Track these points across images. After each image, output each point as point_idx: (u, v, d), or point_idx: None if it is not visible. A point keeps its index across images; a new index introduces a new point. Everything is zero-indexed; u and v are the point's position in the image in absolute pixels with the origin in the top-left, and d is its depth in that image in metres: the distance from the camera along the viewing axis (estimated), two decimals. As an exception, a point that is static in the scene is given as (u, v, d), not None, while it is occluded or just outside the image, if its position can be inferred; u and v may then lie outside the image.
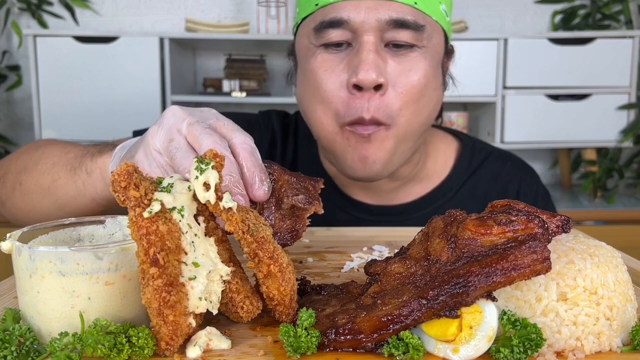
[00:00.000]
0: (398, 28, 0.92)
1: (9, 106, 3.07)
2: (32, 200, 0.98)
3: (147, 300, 0.50)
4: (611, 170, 2.95)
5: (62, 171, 0.93)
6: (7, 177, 1.02)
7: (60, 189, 0.93)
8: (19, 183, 0.99)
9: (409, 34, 0.92)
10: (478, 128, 2.99)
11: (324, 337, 0.52)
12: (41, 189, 0.95)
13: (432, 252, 0.56)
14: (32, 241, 0.59)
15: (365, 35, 0.91)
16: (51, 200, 0.95)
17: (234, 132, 0.69)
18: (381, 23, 0.91)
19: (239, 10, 3.07)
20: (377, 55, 0.91)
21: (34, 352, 0.51)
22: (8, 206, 1.03)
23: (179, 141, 0.68)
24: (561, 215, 0.56)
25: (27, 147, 1.06)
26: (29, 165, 0.99)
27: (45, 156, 0.98)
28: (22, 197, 0.99)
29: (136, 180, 0.51)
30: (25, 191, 0.98)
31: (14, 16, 2.95)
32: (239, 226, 0.53)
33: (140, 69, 2.65)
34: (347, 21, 0.92)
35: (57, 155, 0.96)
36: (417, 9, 0.93)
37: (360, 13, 0.91)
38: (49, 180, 0.94)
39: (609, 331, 0.53)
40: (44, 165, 0.96)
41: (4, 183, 1.03)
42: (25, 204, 0.99)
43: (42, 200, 0.96)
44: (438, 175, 1.14)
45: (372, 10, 0.91)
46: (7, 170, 1.03)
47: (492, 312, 0.51)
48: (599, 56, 2.68)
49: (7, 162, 1.06)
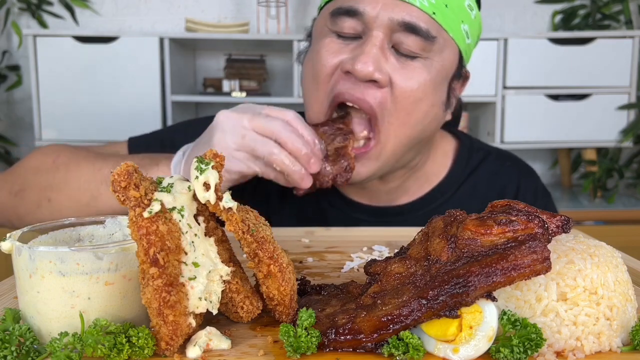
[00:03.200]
0: (408, 32, 0.91)
1: (9, 106, 3.07)
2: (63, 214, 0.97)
3: (147, 300, 0.50)
4: (611, 170, 2.95)
5: (103, 188, 0.96)
6: (27, 194, 1.01)
7: (104, 203, 0.95)
8: (47, 200, 0.99)
9: (417, 42, 0.91)
10: (478, 128, 2.99)
11: (324, 337, 0.52)
12: (78, 205, 0.97)
13: (432, 252, 0.56)
14: (32, 241, 0.59)
15: (375, 30, 0.91)
16: (91, 213, 0.95)
17: (282, 112, 0.88)
18: (393, 22, 0.91)
19: (239, 10, 3.07)
20: (380, 52, 0.91)
21: (34, 352, 0.50)
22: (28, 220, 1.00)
23: (251, 135, 0.85)
24: (561, 215, 0.56)
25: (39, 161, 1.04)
26: (54, 183, 0.99)
27: (74, 174, 0.99)
28: (51, 214, 0.98)
29: (136, 180, 0.51)
30: (57, 208, 0.98)
31: (14, 16, 2.95)
32: (239, 226, 0.53)
33: (140, 69, 2.65)
34: (362, 13, 0.92)
35: (89, 173, 0.98)
36: (434, 19, 0.92)
37: (375, 8, 0.91)
38: (87, 197, 0.96)
39: (609, 331, 0.53)
40: (75, 183, 0.98)
41: (23, 199, 1.01)
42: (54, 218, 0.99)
43: (79, 213, 0.96)
44: (436, 175, 1.14)
45: (388, 8, 0.91)
46: (25, 187, 1.02)
47: (492, 312, 0.51)
48: (599, 56, 2.68)
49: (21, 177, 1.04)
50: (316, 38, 1.01)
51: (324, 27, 0.98)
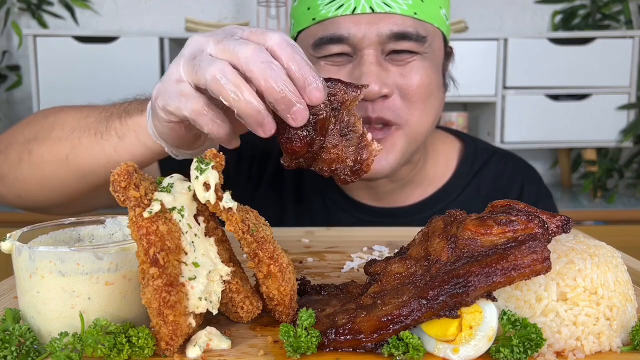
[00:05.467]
0: (399, 40, 0.91)
1: (9, 106, 3.07)
2: (44, 170, 0.87)
3: (147, 300, 0.50)
4: (611, 170, 2.95)
5: (84, 137, 0.83)
6: (11, 148, 0.92)
7: (83, 157, 0.83)
8: (28, 152, 0.88)
9: (409, 45, 0.92)
10: (478, 128, 2.99)
11: (324, 337, 0.52)
12: (57, 158, 0.85)
13: (432, 252, 0.56)
14: (32, 241, 0.59)
15: (365, 49, 0.91)
16: (70, 170, 0.85)
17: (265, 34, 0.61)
18: (382, 37, 0.91)
19: (239, 10, 3.07)
20: (379, 67, 0.91)
21: (34, 352, 0.50)
22: (10, 180, 0.92)
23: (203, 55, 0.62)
24: (561, 215, 0.56)
25: (35, 115, 0.96)
26: (40, 133, 0.88)
27: (60, 122, 0.88)
28: (31, 168, 0.88)
29: (136, 180, 0.51)
30: (36, 161, 0.87)
31: (14, 16, 2.94)
32: (239, 226, 0.53)
33: (140, 69, 2.64)
34: (347, 37, 0.91)
35: (75, 120, 0.86)
36: (418, 19, 0.92)
37: (360, 28, 0.90)
38: (68, 148, 0.84)
39: (609, 331, 0.53)
40: (59, 131, 0.86)
41: (7, 155, 0.92)
42: (35, 175, 0.89)
43: (59, 170, 0.86)
44: (441, 176, 1.14)
45: (373, 25, 0.90)
46: (12, 141, 0.93)
47: (492, 312, 0.51)
48: (599, 56, 2.67)
49: (11, 133, 0.96)
50: None
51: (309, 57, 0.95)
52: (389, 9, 0.90)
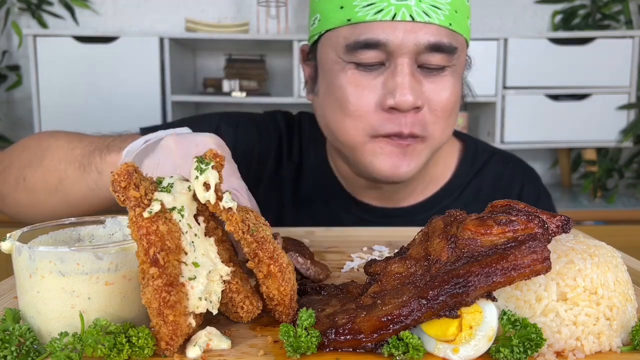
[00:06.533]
0: (433, 51, 0.91)
1: (9, 106, 3.07)
2: (37, 198, 0.93)
3: (147, 300, 0.50)
4: (611, 170, 2.95)
5: (70, 169, 0.89)
6: (9, 171, 0.97)
7: (70, 189, 0.89)
8: (23, 178, 0.94)
9: (442, 58, 0.92)
10: (478, 128, 2.99)
11: (324, 337, 0.52)
12: (48, 187, 0.91)
13: (432, 252, 0.56)
14: (32, 241, 0.59)
15: (400, 58, 0.90)
16: (60, 199, 0.91)
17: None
18: (419, 46, 0.90)
19: (239, 10, 3.07)
20: (412, 78, 0.90)
21: (34, 352, 0.50)
22: (10, 202, 0.98)
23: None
24: (561, 216, 0.56)
25: (30, 139, 1.01)
26: (33, 161, 0.94)
27: (50, 152, 0.93)
28: (26, 194, 0.94)
29: (136, 180, 0.51)
30: (30, 188, 0.93)
31: (14, 16, 2.94)
32: (239, 226, 0.53)
33: (140, 69, 2.64)
34: (385, 43, 0.89)
35: (63, 152, 0.91)
36: (452, 30, 0.92)
37: (398, 35, 0.89)
38: (56, 179, 0.90)
39: (609, 331, 0.53)
40: (50, 161, 0.91)
41: (6, 177, 0.97)
42: (30, 201, 0.94)
43: (50, 198, 0.92)
44: (442, 176, 1.14)
45: (411, 34, 0.89)
46: (10, 164, 0.98)
47: (492, 312, 0.51)
48: (599, 56, 2.67)
49: (9, 155, 1.00)
50: (329, 71, 0.97)
51: (337, 59, 0.94)
52: (428, 18, 0.89)
